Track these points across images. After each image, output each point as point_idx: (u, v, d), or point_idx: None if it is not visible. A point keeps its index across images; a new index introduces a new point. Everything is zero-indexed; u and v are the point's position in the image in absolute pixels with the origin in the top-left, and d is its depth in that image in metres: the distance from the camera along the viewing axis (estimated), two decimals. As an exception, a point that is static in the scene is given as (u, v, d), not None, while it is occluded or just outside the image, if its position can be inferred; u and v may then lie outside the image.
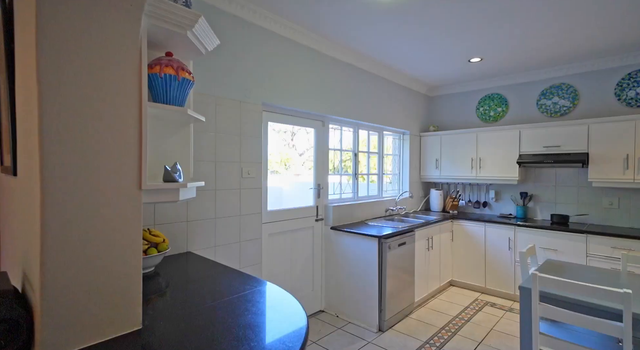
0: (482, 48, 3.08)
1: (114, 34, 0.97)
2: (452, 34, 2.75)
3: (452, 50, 3.13)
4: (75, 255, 0.92)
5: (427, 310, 3.21)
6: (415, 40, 2.89)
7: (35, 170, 0.90)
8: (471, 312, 3.19)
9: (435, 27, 2.62)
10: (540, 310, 1.68)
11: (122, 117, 1.01)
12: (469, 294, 3.65)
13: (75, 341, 0.92)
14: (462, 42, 2.95)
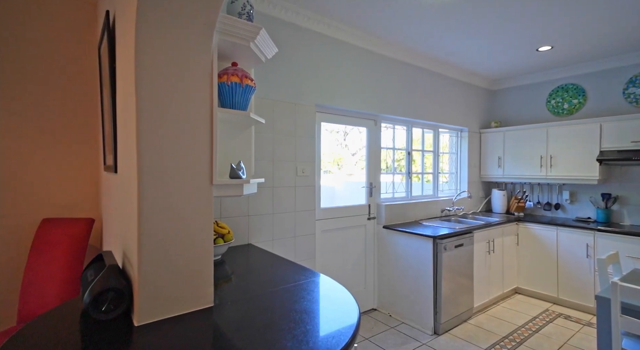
0: (552, 35, 2.81)
1: (191, 49, 1.13)
2: (516, 22, 2.57)
3: (516, 40, 2.91)
4: (162, 240, 1.10)
5: (487, 317, 3.03)
6: (474, 32, 2.75)
7: (133, 169, 1.09)
8: (540, 323, 2.93)
9: (497, 17, 2.48)
10: (622, 324, 1.51)
11: (197, 122, 1.17)
12: (538, 303, 3.35)
13: (162, 311, 1.09)
14: (528, 31, 2.73)
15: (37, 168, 2.03)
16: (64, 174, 2.11)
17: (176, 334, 1.00)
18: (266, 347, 0.93)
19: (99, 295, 1.02)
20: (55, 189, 2.09)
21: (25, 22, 1.96)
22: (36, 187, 2.02)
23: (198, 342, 0.96)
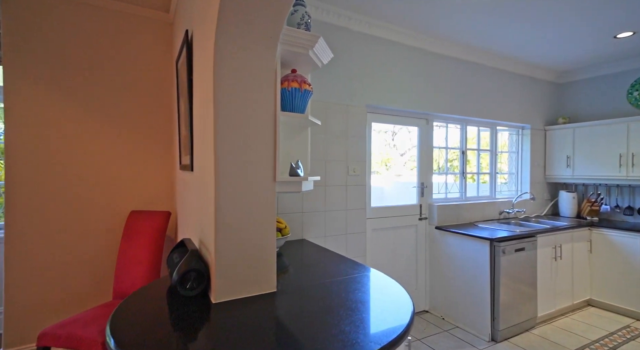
0: (633, 19, 2.53)
1: (259, 61, 1.27)
2: (589, 7, 2.36)
3: (589, 27, 2.67)
4: (234, 230, 1.25)
5: (554, 328, 2.81)
6: (539, 22, 2.58)
7: (211, 168, 1.25)
8: (619, 339, 2.64)
9: (566, 2, 2.30)
10: None
11: (263, 125, 1.30)
12: (616, 318, 3.01)
13: (234, 292, 1.24)
14: (603, 16, 2.49)
15: (126, 168, 2.37)
16: (146, 173, 2.44)
17: (245, 313, 1.13)
18: (326, 329, 1.02)
19: (185, 275, 1.20)
20: (140, 185, 2.41)
21: (116, 42, 2.31)
22: (125, 184, 2.36)
23: (264, 321, 1.08)
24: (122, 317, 1.11)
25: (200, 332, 1.04)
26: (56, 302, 2.12)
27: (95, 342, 1.66)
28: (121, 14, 2.31)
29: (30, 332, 2.05)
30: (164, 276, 1.79)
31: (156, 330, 1.03)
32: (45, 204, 2.10)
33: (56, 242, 2.13)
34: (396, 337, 0.98)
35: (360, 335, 0.98)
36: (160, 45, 2.46)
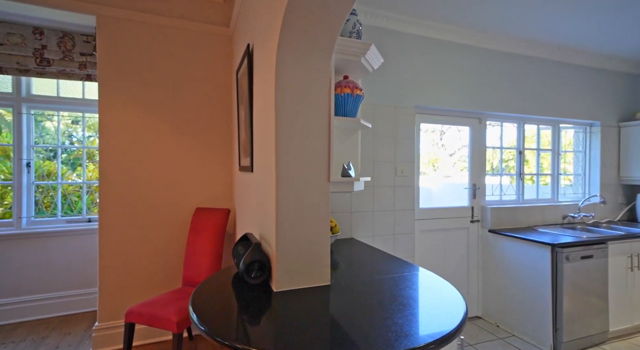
0: None
1: (315, 70, 1.37)
2: (669, -9, 2.13)
3: (671, 10, 2.39)
4: (292, 226, 1.36)
5: (630, 345, 2.55)
6: (612, 9, 2.38)
7: (271, 169, 1.38)
8: None
9: (639, -11, 2.10)
10: None
11: (318, 129, 1.40)
12: None
13: (292, 282, 1.35)
14: (689, -2, 2.22)
15: (192, 170, 2.64)
16: (208, 174, 2.69)
17: (303, 302, 1.23)
18: (379, 321, 1.08)
19: (250, 265, 1.34)
20: (203, 185, 2.67)
21: (184, 56, 2.59)
22: (191, 184, 2.63)
23: (320, 310, 1.17)
24: (199, 298, 1.28)
25: (264, 315, 1.16)
26: (137, 285, 2.44)
27: (171, 322, 1.89)
28: (189, 32, 2.58)
29: (119, 309, 2.38)
30: (226, 266, 1.98)
31: (227, 311, 1.17)
32: (129, 201, 2.43)
33: (137, 234, 2.45)
34: (449, 332, 1.01)
35: (413, 328, 1.03)
36: (220, 57, 2.70)
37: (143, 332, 2.42)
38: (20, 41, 2.67)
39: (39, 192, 3.11)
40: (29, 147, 2.94)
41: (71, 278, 2.96)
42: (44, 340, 2.45)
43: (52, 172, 3.39)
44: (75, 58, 2.83)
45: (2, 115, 3.38)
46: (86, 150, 3.25)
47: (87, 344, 2.40)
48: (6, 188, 3.00)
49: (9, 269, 2.78)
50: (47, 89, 3.03)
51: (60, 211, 3.12)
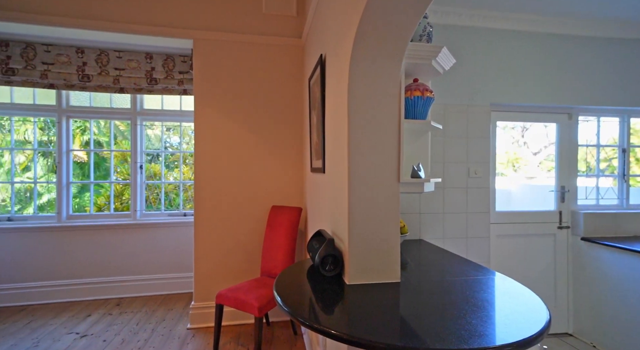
0: None
1: (385, 75, 1.44)
2: None
3: None
4: (364, 224, 1.45)
5: None
6: None
7: (344, 170, 1.49)
8: None
9: None
10: None
11: (388, 131, 1.46)
12: None
13: (364, 277, 1.44)
14: None
15: (267, 171, 2.90)
16: (282, 175, 2.93)
17: (374, 296, 1.31)
18: (451, 319, 1.10)
19: (324, 258, 1.47)
20: (277, 185, 2.92)
21: (260, 67, 2.87)
22: (267, 184, 2.90)
23: (391, 304, 1.24)
24: (281, 285, 1.45)
25: (338, 304, 1.27)
26: (224, 272, 2.79)
27: (254, 306, 2.13)
28: (266, 46, 2.85)
29: (210, 292, 2.75)
30: (301, 260, 2.17)
31: (305, 297, 1.31)
32: (217, 198, 2.78)
33: (223, 227, 2.79)
34: (529, 337, 0.99)
35: (488, 329, 1.03)
36: (292, 66, 2.92)
37: (229, 314, 2.75)
38: (137, 65, 3.26)
39: (148, 189, 3.74)
40: (141, 153, 3.55)
41: (172, 263, 3.49)
42: (154, 312, 2.95)
43: (156, 173, 4.03)
44: (175, 76, 3.34)
45: (116, 125, 4.12)
46: (182, 155, 3.80)
47: (185, 320, 2.82)
48: (125, 186, 3.67)
49: (128, 252, 3.40)
50: (153, 103, 3.63)
51: (163, 206, 3.70)
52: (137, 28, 2.64)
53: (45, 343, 2.41)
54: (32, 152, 3.70)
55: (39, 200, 3.97)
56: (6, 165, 3.64)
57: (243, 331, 2.63)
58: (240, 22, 2.80)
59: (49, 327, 2.65)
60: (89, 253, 3.31)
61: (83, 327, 2.67)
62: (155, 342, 2.44)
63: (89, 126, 4.23)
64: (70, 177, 3.42)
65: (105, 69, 3.21)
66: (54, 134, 3.60)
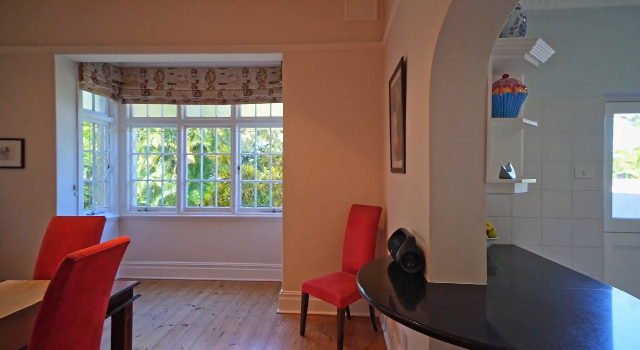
0: None
1: (470, 74, 1.41)
2: None
3: None
4: (446, 224, 1.45)
5: None
6: None
7: (425, 171, 1.51)
8: None
9: None
10: None
11: (473, 131, 1.43)
12: None
13: (446, 276, 1.44)
14: None
15: (348, 171, 3.03)
16: (362, 175, 3.03)
17: (457, 296, 1.31)
18: (546, 327, 1.05)
19: (405, 256, 1.52)
20: (357, 185, 3.03)
21: (342, 72, 3.01)
22: (348, 183, 3.03)
23: (476, 306, 1.22)
24: (363, 278, 1.55)
25: (419, 300, 1.31)
26: (308, 264, 3.02)
27: (336, 298, 2.28)
28: (347, 51, 2.99)
29: (296, 281, 3.02)
30: (380, 257, 2.23)
31: (385, 291, 1.38)
32: (303, 197, 3.04)
33: (308, 224, 3.03)
34: (641, 356, 0.89)
35: (592, 342, 0.96)
36: (372, 69, 2.99)
37: (314, 304, 2.97)
38: (236, 79, 3.75)
39: (243, 187, 4.26)
40: (238, 155, 4.07)
41: (263, 254, 3.91)
42: (249, 296, 3.37)
43: (250, 173, 4.54)
44: (266, 86, 3.74)
45: (214, 130, 4.74)
46: (271, 157, 4.21)
47: (275, 305, 3.15)
48: (225, 184, 4.25)
49: (228, 242, 3.94)
50: (248, 111, 4.11)
51: (256, 202, 4.17)
52: (237, 48, 3.06)
53: (172, 310, 2.99)
54: (157, 155, 4.57)
55: (160, 196, 4.86)
56: (140, 166, 4.56)
57: (326, 321, 2.81)
58: (323, 32, 3.00)
59: (173, 298, 3.27)
60: (199, 240, 3.94)
61: (197, 301, 3.21)
62: (252, 321, 2.80)
63: (196, 133, 5.01)
64: (186, 177, 4.12)
65: (212, 84, 3.78)
66: (172, 140, 4.37)
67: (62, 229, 1.95)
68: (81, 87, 3.32)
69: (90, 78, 3.35)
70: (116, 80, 3.75)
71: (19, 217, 3.07)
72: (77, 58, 3.19)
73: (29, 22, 3.06)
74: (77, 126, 3.29)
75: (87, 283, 1.24)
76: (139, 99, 3.85)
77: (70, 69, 3.23)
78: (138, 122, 4.10)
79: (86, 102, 3.51)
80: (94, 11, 3.06)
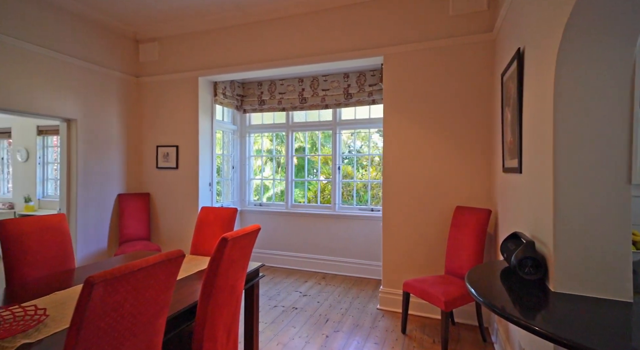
0: None
1: (609, 59, 1.24)
2: None
3: None
4: (575, 229, 1.30)
5: None
6: None
7: (548, 170, 1.38)
8: None
9: None
10: None
11: (613, 123, 1.25)
12: None
13: (576, 287, 1.29)
14: None
15: (451, 170, 2.90)
16: (468, 175, 2.86)
17: (590, 309, 1.16)
18: None
19: (522, 260, 1.42)
20: (462, 185, 2.88)
21: (444, 69, 2.90)
22: (451, 183, 2.91)
23: (615, 322, 1.07)
24: (472, 280, 1.52)
25: (540, 308, 1.22)
26: (407, 264, 3.02)
27: (440, 300, 2.24)
28: (451, 47, 2.88)
29: (396, 280, 3.06)
30: (490, 260, 2.07)
31: (498, 295, 1.33)
32: (403, 196, 3.05)
33: (408, 223, 3.03)
34: None
35: None
36: (479, 63, 2.80)
37: (414, 304, 2.96)
38: (337, 85, 4.00)
39: (343, 186, 4.49)
40: (339, 156, 4.31)
41: (362, 251, 4.05)
42: (349, 290, 3.55)
43: (349, 173, 4.75)
44: (366, 89, 3.87)
45: (315, 134, 5.07)
46: (369, 157, 4.32)
47: (374, 301, 3.25)
48: (326, 184, 4.55)
49: (329, 237, 4.22)
50: (347, 114, 4.32)
51: (355, 201, 4.34)
52: (339, 56, 3.27)
53: (283, 294, 3.39)
54: (266, 157, 5.19)
55: (267, 193, 5.49)
56: (252, 167, 5.25)
57: (427, 323, 2.77)
58: (426, 30, 2.95)
59: (283, 284, 3.70)
60: (303, 234, 4.33)
61: (303, 289, 3.56)
62: (353, 313, 2.97)
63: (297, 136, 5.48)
64: (293, 176, 4.58)
65: (316, 91, 4.12)
66: (277, 143, 4.90)
67: (208, 217, 2.46)
68: (215, 101, 4.05)
69: (221, 94, 4.06)
70: (239, 93, 4.44)
71: (175, 206, 3.94)
72: (212, 78, 3.91)
73: (181, 55, 3.91)
74: (212, 134, 4.03)
75: (234, 258, 1.57)
76: (256, 108, 4.46)
77: (208, 88, 3.98)
78: (255, 129, 4.76)
79: (217, 114, 4.27)
80: (224, 40, 3.70)
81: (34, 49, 3.04)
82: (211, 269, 1.45)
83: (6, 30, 2.84)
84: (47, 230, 1.89)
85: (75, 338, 0.86)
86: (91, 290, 0.86)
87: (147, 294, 1.08)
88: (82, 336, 0.87)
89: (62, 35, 3.27)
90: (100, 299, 0.90)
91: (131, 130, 4.03)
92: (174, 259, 1.16)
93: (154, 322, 1.15)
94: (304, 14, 3.39)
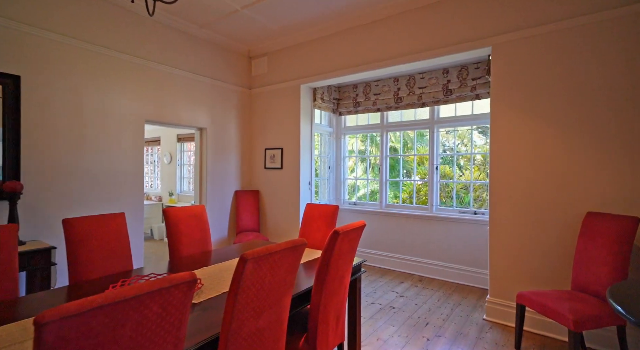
0: None
1: None
2: None
3: None
4: None
5: None
6: None
7: None
8: None
9: None
10: None
11: None
12: None
13: None
14: None
15: (581, 171, 2.48)
16: (601, 176, 2.41)
17: None
18: None
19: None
20: (594, 188, 2.43)
21: (567, 52, 2.49)
22: (581, 186, 2.49)
23: None
24: (617, 296, 1.30)
25: None
26: (520, 273, 2.71)
27: (567, 318, 1.96)
28: (580, 27, 2.47)
29: (506, 290, 2.78)
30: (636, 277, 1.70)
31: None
32: (515, 200, 2.75)
33: (523, 230, 2.71)
34: None
35: None
36: (620, 43, 2.32)
37: (530, 320, 2.64)
38: (435, 82, 3.84)
39: (441, 187, 4.27)
40: (436, 156, 4.13)
41: (463, 256, 3.79)
42: (450, 296, 3.37)
43: (447, 174, 4.49)
44: (468, 84, 3.61)
45: (407, 133, 4.91)
46: (472, 156, 4.01)
47: (479, 310, 3.01)
48: (422, 184, 4.40)
49: (425, 239, 4.07)
50: (447, 111, 4.09)
51: (455, 203, 4.09)
52: (439, 52, 3.14)
53: (379, 293, 3.43)
54: (359, 158, 5.28)
55: (358, 192, 5.56)
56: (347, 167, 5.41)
57: (548, 344, 2.44)
58: (544, 11, 2.61)
59: (378, 283, 3.74)
60: (398, 234, 4.28)
61: (399, 289, 3.53)
62: (455, 320, 2.81)
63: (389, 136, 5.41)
64: (387, 176, 4.57)
65: (412, 89, 4.03)
66: (369, 144, 4.93)
67: (313, 213, 2.68)
68: (314, 106, 4.34)
69: (319, 98, 4.33)
70: (335, 97, 4.66)
71: (279, 202, 4.37)
72: (312, 84, 4.20)
73: (285, 66, 4.32)
74: (312, 136, 4.33)
75: (342, 251, 1.69)
76: (351, 110, 4.61)
77: (308, 94, 4.29)
78: (350, 130, 4.91)
79: (316, 117, 4.56)
80: (322, 49, 3.94)
81: (179, 73, 3.78)
82: (324, 259, 1.60)
83: (156, 57, 3.61)
84: (193, 217, 2.36)
85: (234, 301, 1.09)
86: (245, 264, 1.08)
87: (280, 273, 1.27)
88: (238, 300, 1.10)
89: (196, 58, 3.99)
90: (250, 272, 1.11)
91: (245, 135, 4.63)
92: (299, 246, 1.34)
93: (283, 299, 1.34)
94: (397, 15, 3.36)
